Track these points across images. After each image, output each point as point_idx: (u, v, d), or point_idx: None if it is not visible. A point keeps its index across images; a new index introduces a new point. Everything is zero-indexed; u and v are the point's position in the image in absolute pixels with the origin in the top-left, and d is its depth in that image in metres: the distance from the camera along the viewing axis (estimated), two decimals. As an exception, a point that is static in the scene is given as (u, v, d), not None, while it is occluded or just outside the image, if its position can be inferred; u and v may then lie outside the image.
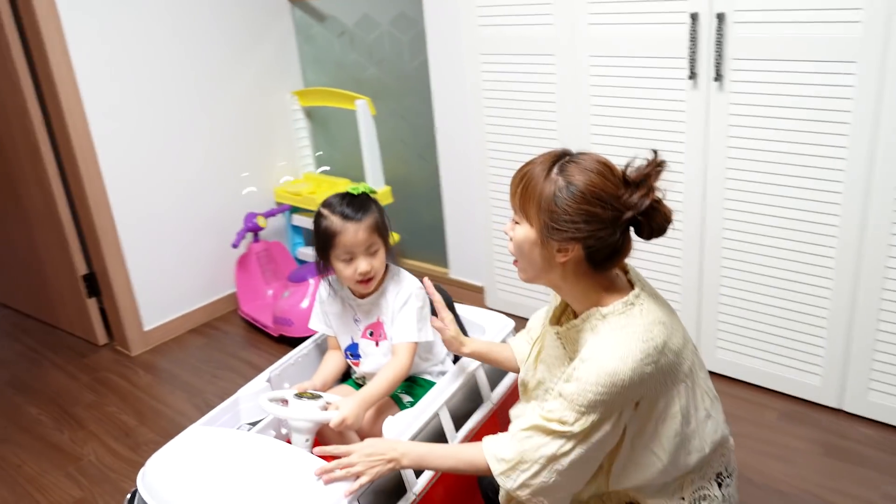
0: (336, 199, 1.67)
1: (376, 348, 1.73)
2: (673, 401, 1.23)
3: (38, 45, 2.53)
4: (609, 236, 1.18)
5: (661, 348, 1.18)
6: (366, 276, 1.65)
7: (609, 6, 2.25)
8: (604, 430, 1.18)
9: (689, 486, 1.31)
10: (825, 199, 2.02)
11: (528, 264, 1.27)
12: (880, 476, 1.94)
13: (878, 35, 1.82)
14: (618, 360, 1.15)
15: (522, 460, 1.23)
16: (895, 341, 2.02)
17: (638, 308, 1.21)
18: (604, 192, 1.17)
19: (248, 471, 1.40)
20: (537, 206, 1.20)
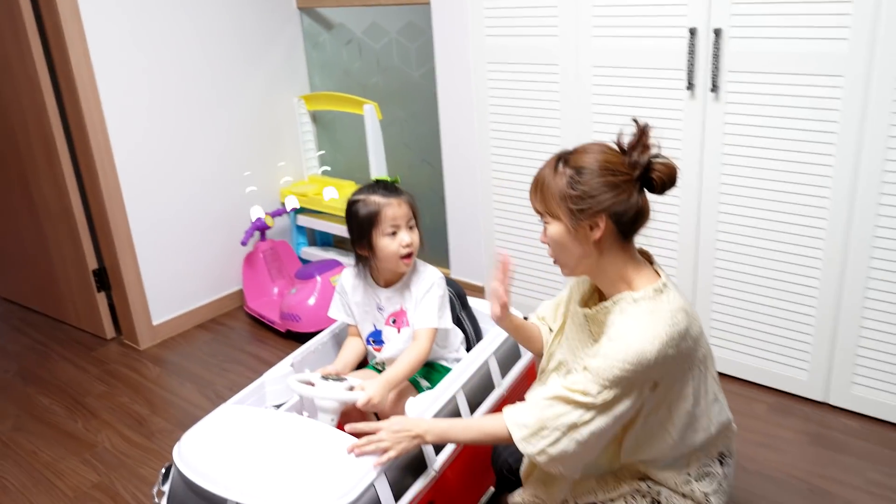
0: (368, 186, 1.78)
1: (398, 335, 1.83)
2: (687, 383, 1.34)
3: (60, 45, 2.62)
4: (629, 198, 1.32)
5: (684, 334, 1.29)
6: (410, 249, 1.75)
7: (612, 20, 2.37)
8: (623, 404, 1.29)
9: (695, 463, 1.43)
10: (813, 203, 2.15)
11: (567, 257, 1.39)
12: (864, 463, 2.06)
13: (863, 51, 1.95)
14: (646, 341, 1.26)
15: (543, 427, 1.32)
16: (877, 338, 2.15)
17: (666, 295, 1.33)
18: (609, 163, 1.32)
19: (281, 445, 1.49)
20: (558, 200, 1.33)
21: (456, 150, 2.97)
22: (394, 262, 1.78)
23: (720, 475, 1.45)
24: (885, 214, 2.04)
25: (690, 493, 1.42)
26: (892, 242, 2.05)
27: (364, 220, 1.75)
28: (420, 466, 1.56)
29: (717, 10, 2.15)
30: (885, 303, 2.11)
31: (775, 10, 2.06)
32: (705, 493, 1.43)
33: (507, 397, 1.90)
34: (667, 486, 1.43)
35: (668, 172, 1.33)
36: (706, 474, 1.44)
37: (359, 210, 1.76)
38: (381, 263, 1.80)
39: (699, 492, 1.42)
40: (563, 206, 1.33)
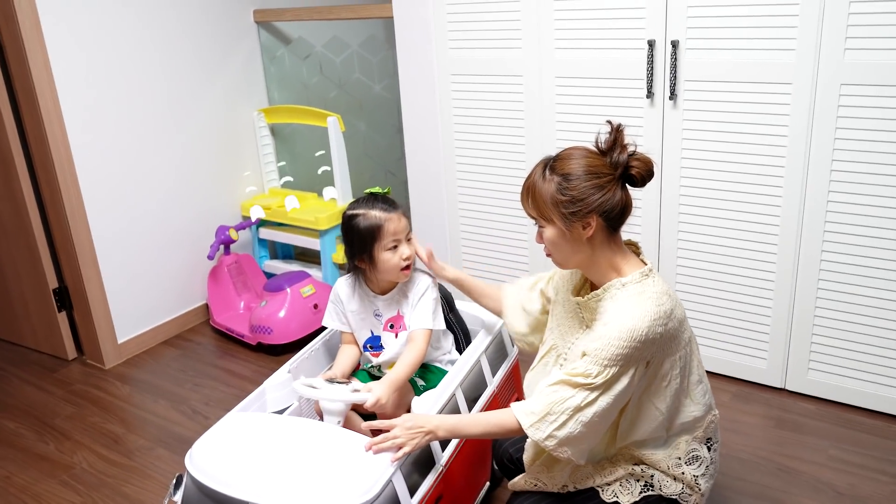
0: (364, 200, 1.83)
1: (396, 339, 1.88)
2: (675, 364, 1.45)
3: (19, 58, 2.57)
4: (614, 196, 1.43)
5: (670, 314, 1.41)
6: (409, 261, 1.81)
7: (574, 32, 2.49)
8: (623, 382, 1.39)
9: (684, 446, 1.53)
10: (767, 202, 2.31)
11: (562, 254, 1.50)
12: (825, 442, 2.22)
13: (809, 60, 2.12)
14: (637, 319, 1.37)
15: (550, 412, 1.41)
16: (830, 325, 2.32)
17: (651, 279, 1.45)
18: (593, 166, 1.44)
19: (295, 448, 1.52)
20: (550, 206, 1.45)
21: (420, 160, 3.03)
22: (394, 274, 1.83)
23: (707, 459, 1.56)
24: (833, 210, 2.21)
25: (681, 475, 1.52)
26: (840, 236, 2.23)
27: (366, 234, 1.79)
28: (428, 463, 1.62)
29: (673, 24, 2.29)
30: (835, 293, 2.28)
31: (728, 24, 2.21)
32: (695, 475, 1.53)
33: (499, 394, 1.97)
34: (659, 469, 1.52)
35: (646, 167, 1.45)
36: (695, 458, 1.55)
37: (359, 224, 1.80)
38: (380, 275, 1.85)
39: (689, 474, 1.53)
40: (555, 211, 1.44)
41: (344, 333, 1.97)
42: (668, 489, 1.52)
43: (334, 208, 3.16)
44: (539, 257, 2.67)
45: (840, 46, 2.06)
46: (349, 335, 1.96)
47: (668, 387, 1.46)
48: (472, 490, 1.83)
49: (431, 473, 1.60)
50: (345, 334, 1.97)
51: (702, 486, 1.54)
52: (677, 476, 1.52)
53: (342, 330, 1.96)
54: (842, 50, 2.06)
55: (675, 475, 1.52)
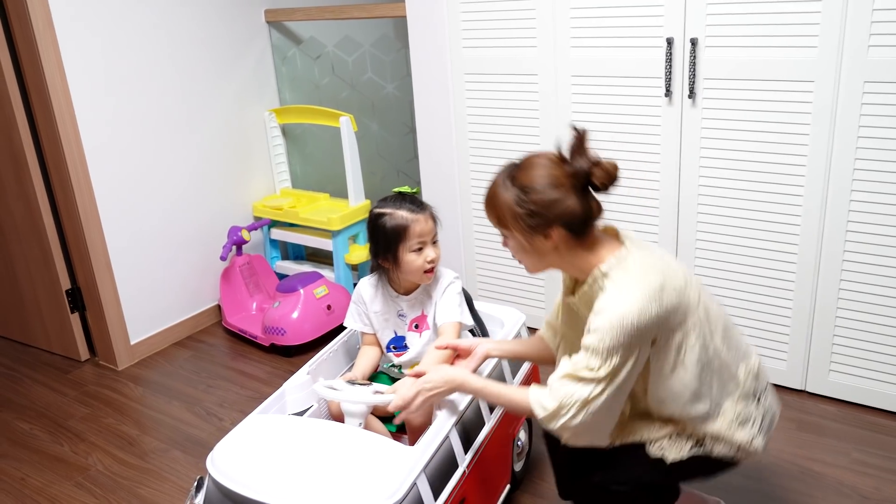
0: (393, 199, 1.81)
1: (420, 338, 1.86)
2: (689, 333, 1.41)
3: (33, 59, 2.55)
4: (575, 206, 1.40)
5: (661, 289, 1.37)
6: (433, 264, 1.80)
7: (590, 31, 2.47)
8: (626, 369, 1.36)
9: (731, 412, 1.48)
10: (788, 202, 2.29)
11: (529, 261, 1.49)
12: (847, 444, 2.19)
13: (832, 58, 2.10)
14: (624, 307, 1.34)
15: (561, 406, 1.39)
16: (851, 326, 2.29)
17: (631, 260, 1.42)
18: (551, 177, 1.40)
19: (317, 450, 1.50)
20: (510, 216, 1.43)
21: (433, 160, 3.01)
22: (417, 275, 1.82)
23: (758, 416, 1.51)
24: (856, 210, 2.19)
25: (732, 439, 1.47)
26: (862, 236, 2.20)
27: (391, 234, 1.77)
28: (451, 466, 1.60)
29: (692, 21, 2.27)
30: (857, 293, 2.26)
31: (748, 21, 2.19)
32: (751, 435, 1.48)
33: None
34: (714, 438, 1.48)
35: (608, 175, 1.40)
36: (745, 419, 1.49)
37: (386, 223, 1.78)
38: (403, 276, 1.83)
39: (741, 437, 1.48)
40: (515, 224, 1.43)
41: (365, 334, 1.95)
42: (718, 450, 1.48)
43: (346, 209, 3.14)
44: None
45: (864, 43, 2.03)
46: (370, 336, 1.94)
47: (689, 358, 1.41)
48: (493, 492, 1.81)
49: (454, 476, 1.58)
50: (366, 335, 1.95)
51: (757, 445, 1.50)
52: (729, 440, 1.48)
53: (364, 331, 1.95)
54: (865, 47, 2.04)
55: (727, 439, 1.48)
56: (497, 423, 1.82)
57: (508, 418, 1.90)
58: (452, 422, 1.63)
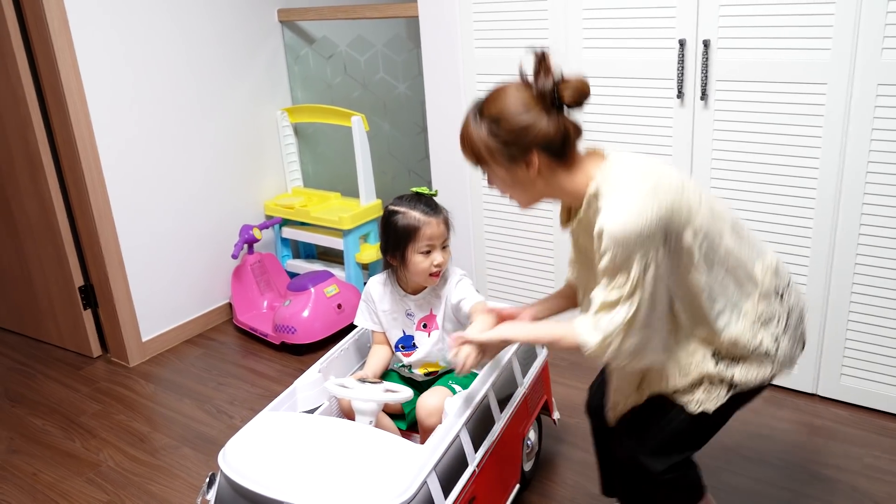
0: (409, 198, 1.82)
1: (428, 338, 1.87)
2: (697, 233, 1.36)
3: (48, 59, 2.58)
4: (549, 127, 1.36)
5: (654, 189, 1.33)
6: (439, 268, 1.80)
7: (602, 32, 2.47)
8: (650, 276, 1.32)
9: (752, 312, 1.44)
10: (800, 204, 2.28)
11: (518, 194, 1.47)
12: (859, 449, 2.18)
13: (845, 60, 2.09)
14: (621, 218, 1.30)
15: (605, 337, 1.36)
16: (863, 330, 2.28)
17: (618, 171, 1.38)
18: (519, 102, 1.37)
19: (328, 447, 1.51)
20: (486, 151, 1.40)
21: (444, 160, 3.02)
22: (422, 277, 1.82)
23: (784, 312, 1.47)
24: (868, 213, 2.17)
25: (759, 343, 1.43)
26: (875, 239, 2.19)
27: (402, 233, 1.78)
28: (461, 465, 1.60)
29: (705, 22, 2.27)
30: (869, 296, 2.25)
31: (761, 22, 2.18)
32: (775, 335, 1.45)
33: (529, 395, 1.95)
34: (739, 346, 1.43)
35: (577, 89, 1.36)
36: (769, 318, 1.45)
37: (397, 222, 1.79)
38: (409, 276, 1.84)
39: (767, 340, 1.44)
40: (493, 158, 1.40)
41: (375, 333, 1.96)
42: (752, 377, 1.45)
43: (357, 208, 3.15)
44: (565, 254, 2.65)
45: (878, 45, 2.02)
46: (381, 335, 1.95)
47: (700, 258, 1.37)
48: (503, 492, 1.81)
49: (464, 475, 1.58)
50: (376, 334, 1.96)
51: (785, 348, 1.46)
52: (756, 348, 1.43)
53: (374, 329, 1.95)
54: (879, 49, 2.03)
55: (755, 347, 1.43)
56: (507, 422, 1.82)
57: (519, 417, 1.90)
58: (463, 420, 1.63)
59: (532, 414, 2.00)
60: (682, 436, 1.50)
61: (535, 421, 2.04)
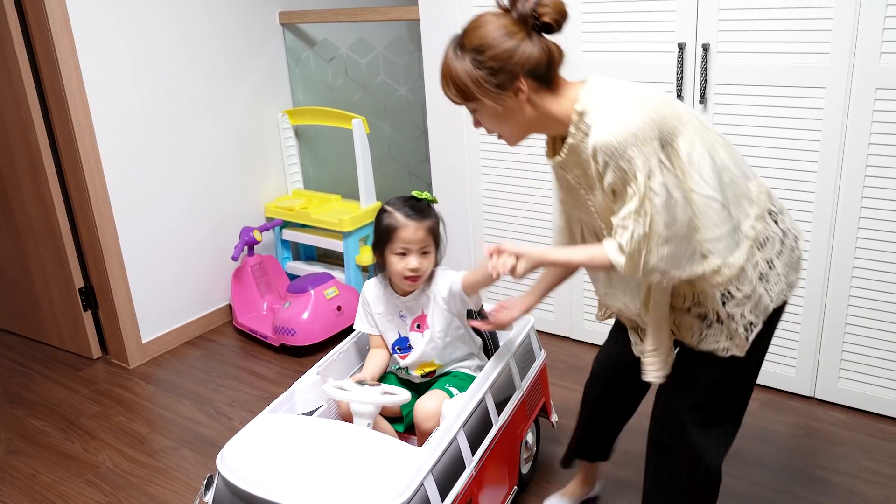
0: (400, 199, 1.83)
1: (422, 338, 1.89)
2: (693, 141, 1.35)
3: (49, 59, 2.59)
4: (533, 51, 1.34)
5: (641, 99, 1.32)
6: (414, 273, 1.80)
7: (602, 35, 2.47)
8: (656, 179, 1.28)
9: (750, 233, 1.42)
10: (799, 208, 2.28)
11: (508, 128, 1.44)
12: (856, 452, 2.18)
13: (844, 64, 2.09)
14: (612, 128, 1.29)
15: (631, 254, 1.33)
16: (861, 333, 2.29)
17: (599, 92, 1.36)
18: (500, 29, 1.33)
19: (326, 450, 1.51)
20: (473, 83, 1.36)
21: (444, 163, 3.02)
22: (399, 279, 1.85)
23: (779, 233, 1.46)
24: (866, 217, 2.18)
25: (756, 266, 1.41)
26: (873, 242, 2.19)
27: (382, 232, 1.82)
28: (459, 467, 1.60)
29: (704, 26, 2.27)
30: (867, 300, 2.25)
31: (760, 26, 2.19)
32: (769, 259, 1.44)
33: (527, 397, 1.96)
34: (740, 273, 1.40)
35: (556, 9, 1.35)
36: (766, 239, 1.44)
37: (382, 220, 1.82)
38: (390, 275, 1.88)
39: (763, 262, 1.43)
40: (480, 90, 1.36)
41: (372, 337, 1.96)
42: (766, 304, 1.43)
43: (357, 210, 3.16)
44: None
45: (876, 50, 2.03)
46: (377, 338, 1.95)
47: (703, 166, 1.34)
48: (500, 494, 1.82)
49: (462, 477, 1.59)
50: (373, 337, 1.96)
51: (780, 270, 1.45)
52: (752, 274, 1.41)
53: (371, 333, 1.96)
54: (877, 53, 2.03)
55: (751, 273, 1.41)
56: (505, 424, 1.82)
57: (517, 420, 1.91)
58: (460, 423, 1.63)
59: (530, 416, 2.00)
60: (721, 388, 1.50)
61: (532, 423, 2.04)
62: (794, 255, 1.50)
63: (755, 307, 1.43)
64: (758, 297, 1.43)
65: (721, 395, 1.53)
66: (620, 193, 1.33)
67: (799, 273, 1.52)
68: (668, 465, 1.60)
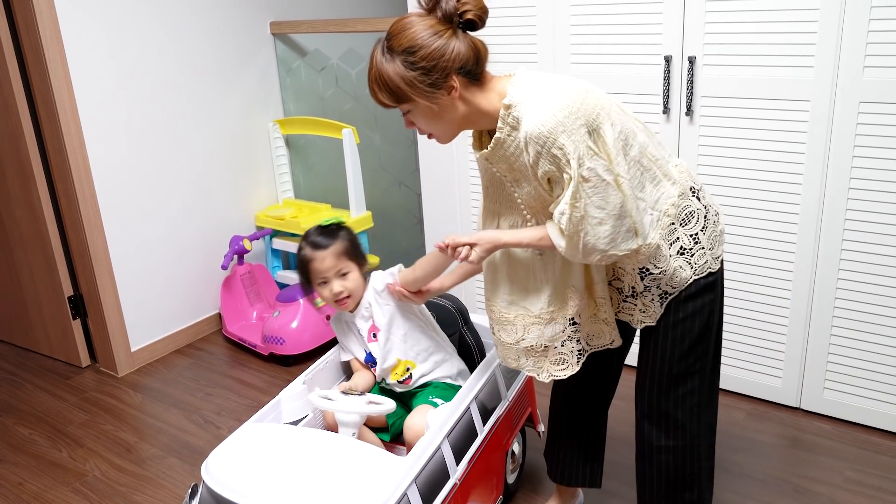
0: (312, 230, 1.92)
1: (378, 344, 1.92)
2: (615, 123, 1.40)
3: (40, 69, 2.59)
4: (461, 48, 1.37)
5: (566, 89, 1.38)
6: (339, 296, 1.87)
7: (590, 47, 2.50)
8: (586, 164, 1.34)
9: (674, 211, 1.49)
10: (784, 219, 2.30)
11: (442, 127, 1.46)
12: (841, 463, 2.20)
13: (828, 78, 2.12)
14: (540, 117, 1.35)
15: (571, 236, 1.40)
16: (846, 344, 2.30)
17: (525, 85, 1.41)
18: (426, 29, 1.36)
19: (310, 459, 1.52)
20: (407, 85, 1.38)
21: (434, 173, 3.04)
22: (332, 304, 1.92)
23: (702, 209, 1.52)
24: (850, 229, 2.20)
25: (675, 242, 1.49)
26: (857, 255, 2.21)
27: (301, 269, 1.91)
28: (443, 477, 1.61)
29: (690, 39, 2.30)
30: (852, 311, 2.27)
31: (746, 40, 2.21)
32: (693, 234, 1.50)
33: (513, 407, 1.97)
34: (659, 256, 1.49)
35: (476, 5, 1.38)
36: (690, 215, 1.51)
37: (298, 258, 1.92)
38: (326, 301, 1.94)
39: (686, 237, 1.50)
40: (413, 91, 1.38)
41: (352, 361, 1.99)
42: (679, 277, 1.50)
43: (347, 219, 3.17)
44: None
45: (859, 64, 2.06)
46: (356, 361, 1.98)
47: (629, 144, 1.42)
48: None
49: (445, 487, 1.60)
50: (353, 362, 1.99)
51: (704, 244, 1.51)
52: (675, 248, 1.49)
53: (348, 359, 2.00)
54: (861, 67, 2.06)
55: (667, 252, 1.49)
56: (490, 434, 1.83)
57: (502, 430, 1.91)
58: (445, 433, 1.64)
59: (516, 426, 2.01)
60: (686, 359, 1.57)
61: (519, 433, 2.05)
62: (717, 229, 1.56)
63: (670, 280, 1.51)
64: (672, 271, 1.50)
65: (691, 364, 1.58)
66: (557, 180, 1.39)
67: (723, 246, 1.60)
68: (663, 459, 1.65)
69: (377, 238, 3.39)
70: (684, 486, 1.64)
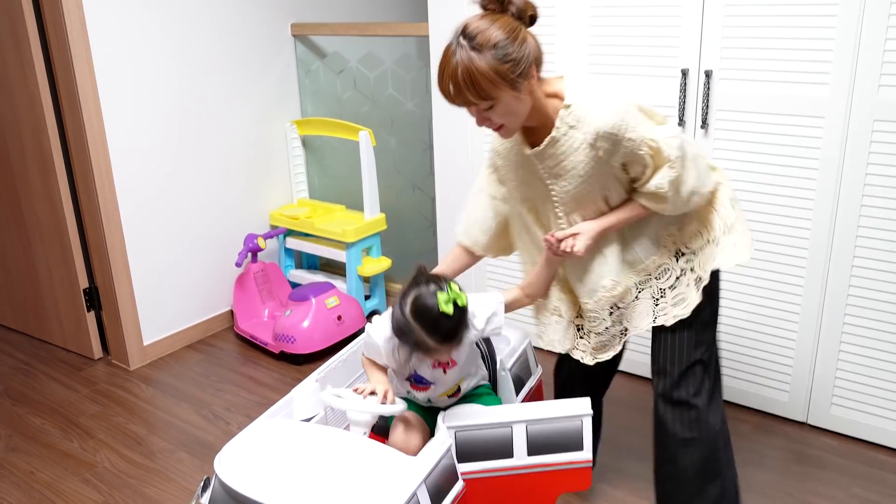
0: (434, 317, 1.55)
1: (445, 375, 1.76)
2: None
3: (65, 63, 2.64)
4: (534, 42, 1.50)
5: (615, 88, 1.57)
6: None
7: (607, 59, 2.52)
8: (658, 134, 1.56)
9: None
10: (795, 234, 2.31)
11: (515, 119, 1.54)
12: (847, 479, 2.20)
13: (843, 95, 2.13)
14: (609, 111, 1.52)
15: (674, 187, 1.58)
16: (854, 361, 2.31)
17: (577, 86, 1.56)
18: (505, 25, 1.46)
19: (323, 456, 1.54)
20: (498, 79, 1.45)
21: (449, 176, 3.06)
22: None
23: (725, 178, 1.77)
24: (862, 245, 2.21)
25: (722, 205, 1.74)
26: (868, 272, 2.22)
27: (409, 342, 1.59)
28: (451, 479, 1.63)
29: (707, 53, 2.31)
30: (861, 328, 2.28)
31: (762, 55, 2.23)
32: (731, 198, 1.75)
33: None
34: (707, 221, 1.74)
35: (533, 5, 1.51)
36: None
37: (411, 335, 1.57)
38: None
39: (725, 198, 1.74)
40: (503, 82, 1.45)
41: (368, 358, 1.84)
42: (707, 254, 1.72)
43: (361, 222, 3.20)
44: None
45: (875, 82, 2.07)
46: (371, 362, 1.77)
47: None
48: (492, 508, 1.84)
49: (454, 488, 1.61)
50: (368, 358, 1.83)
51: None
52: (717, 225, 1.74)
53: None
54: (876, 86, 2.07)
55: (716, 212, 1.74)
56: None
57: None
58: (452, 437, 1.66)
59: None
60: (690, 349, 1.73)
61: (526, 438, 2.06)
62: None
63: (704, 263, 1.70)
64: (709, 252, 1.70)
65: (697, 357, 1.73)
66: (632, 161, 1.56)
67: None
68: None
69: (389, 240, 3.42)
70: (707, 478, 1.73)
